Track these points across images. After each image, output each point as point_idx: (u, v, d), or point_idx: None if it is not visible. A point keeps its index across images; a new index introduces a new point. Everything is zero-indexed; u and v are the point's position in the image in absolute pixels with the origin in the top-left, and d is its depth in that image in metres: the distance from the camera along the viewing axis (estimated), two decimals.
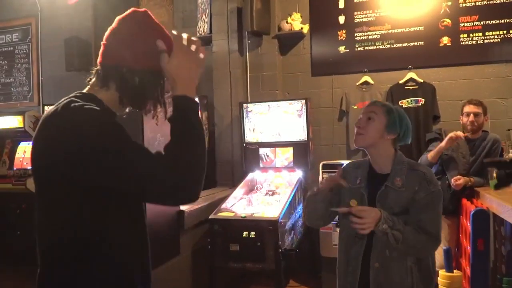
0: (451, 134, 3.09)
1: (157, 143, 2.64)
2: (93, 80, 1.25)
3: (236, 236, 2.96)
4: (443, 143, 3.12)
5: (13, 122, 4.68)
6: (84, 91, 1.24)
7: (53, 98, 4.74)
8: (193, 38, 1.23)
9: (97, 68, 1.25)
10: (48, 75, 5.29)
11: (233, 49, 4.26)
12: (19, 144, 4.72)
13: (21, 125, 4.63)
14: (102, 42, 1.25)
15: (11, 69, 5.49)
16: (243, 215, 3.03)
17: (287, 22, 4.27)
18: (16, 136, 4.72)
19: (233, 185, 4.01)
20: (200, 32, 4.51)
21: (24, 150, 4.64)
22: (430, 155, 3.17)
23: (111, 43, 1.23)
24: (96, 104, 1.18)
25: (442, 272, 2.61)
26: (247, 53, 4.31)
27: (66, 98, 1.18)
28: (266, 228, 2.90)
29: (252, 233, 2.93)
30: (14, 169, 4.63)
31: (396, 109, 1.79)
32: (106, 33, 1.24)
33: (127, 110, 1.31)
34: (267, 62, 4.29)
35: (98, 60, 1.25)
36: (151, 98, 1.25)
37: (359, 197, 1.76)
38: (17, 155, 4.70)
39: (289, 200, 3.26)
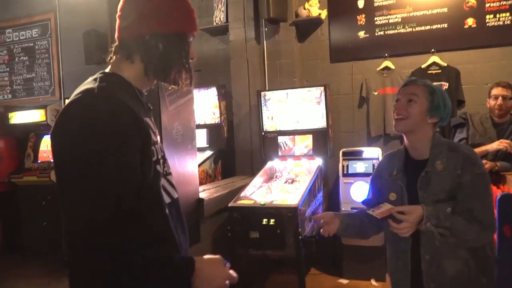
0: (505, 144, 2.95)
1: (175, 132, 2.63)
2: (113, 57, 1.20)
3: (255, 224, 2.94)
4: (491, 147, 2.98)
5: (36, 116, 4.77)
6: (107, 70, 1.19)
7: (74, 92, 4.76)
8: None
9: (115, 44, 1.20)
10: (69, 69, 5.34)
11: (250, 37, 4.21)
12: (42, 137, 4.81)
13: (44, 118, 4.71)
14: (117, 15, 1.20)
15: (33, 65, 5.58)
16: (262, 203, 3.00)
17: (304, 8, 4.19)
18: (39, 129, 4.81)
19: (252, 174, 3.98)
20: (217, 22, 4.48)
21: (47, 144, 4.73)
22: None
23: (127, 13, 1.18)
24: (119, 86, 1.12)
25: None
26: (264, 41, 4.25)
27: (88, 81, 1.12)
28: (286, 215, 2.86)
29: (272, 221, 2.89)
30: (39, 161, 4.73)
31: (439, 89, 1.67)
32: (120, 4, 1.20)
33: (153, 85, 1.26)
34: (284, 49, 4.23)
35: (116, 35, 1.21)
36: (177, 64, 1.20)
37: (398, 189, 1.68)
38: (41, 148, 4.80)
39: (309, 187, 3.21)
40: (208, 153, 4.22)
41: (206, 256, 1.14)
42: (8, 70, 5.74)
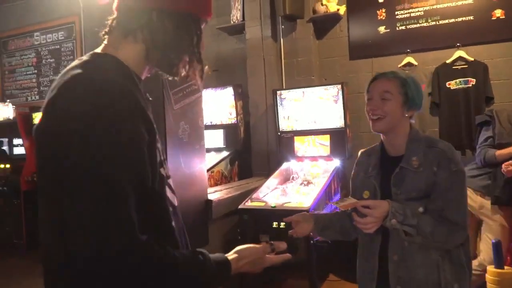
0: None
1: (181, 131, 2.58)
2: (109, 34, 1.00)
3: (266, 227, 2.85)
4: None
5: None
6: (98, 50, 0.99)
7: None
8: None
9: (113, 17, 1.00)
10: None
11: (267, 35, 4.13)
12: None
13: None
14: None
15: (58, 67, 5.71)
16: (273, 205, 2.92)
17: (322, 4, 4.07)
18: None
19: (269, 175, 3.87)
20: (234, 20, 4.43)
21: None
22: (499, 153, 2.73)
23: None
24: (115, 70, 0.93)
25: (490, 269, 2.34)
26: (281, 39, 4.16)
27: (74, 64, 0.93)
28: None
29: (282, 224, 2.80)
30: None
31: (410, 79, 1.57)
32: None
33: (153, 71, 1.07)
34: (302, 47, 4.12)
35: (115, 5, 1.00)
36: (187, 51, 1.01)
37: (371, 187, 1.59)
38: None
39: (324, 189, 3.10)
40: (225, 153, 4.17)
41: (247, 249, 1.10)
42: (36, 72, 5.91)
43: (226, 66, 4.67)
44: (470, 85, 3.63)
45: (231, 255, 1.07)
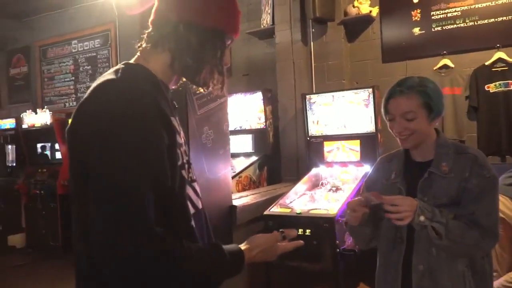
0: None
1: (205, 136, 2.57)
2: (143, 45, 1.08)
3: None
4: None
5: None
6: (131, 61, 1.08)
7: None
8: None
9: (148, 30, 1.09)
10: None
11: (296, 39, 4.07)
12: None
13: None
14: None
15: (95, 74, 5.88)
16: (298, 211, 2.85)
17: (353, 6, 3.97)
18: None
19: (298, 180, 3.81)
20: (264, 24, 4.40)
21: None
22: None
23: None
24: (143, 78, 1.01)
25: None
26: (311, 42, 4.09)
27: (108, 72, 1.02)
28: (322, 226, 2.68)
29: (308, 231, 2.73)
30: None
31: (430, 87, 1.48)
32: None
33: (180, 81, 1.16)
34: (332, 50, 4.03)
35: (151, 19, 1.09)
36: (209, 63, 1.08)
37: (396, 193, 1.50)
38: None
39: (352, 196, 2.99)
40: (253, 158, 4.14)
41: (258, 238, 1.17)
42: (73, 79, 6.11)
43: (257, 70, 4.65)
44: (511, 88, 3.43)
45: (244, 245, 1.12)
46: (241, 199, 3.05)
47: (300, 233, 2.75)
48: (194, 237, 1.03)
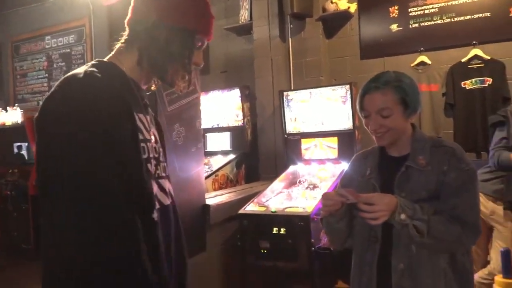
0: None
1: (175, 134, 2.49)
2: (117, 45, 1.11)
3: (266, 233, 2.73)
4: None
5: None
6: (105, 59, 1.09)
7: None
8: None
9: (126, 32, 1.12)
10: None
11: (274, 35, 4.01)
12: None
13: None
14: None
15: (69, 70, 5.57)
16: (273, 210, 2.79)
17: (331, 2, 3.93)
18: None
19: (276, 178, 3.77)
20: (242, 20, 4.33)
21: None
22: None
23: None
24: (112, 75, 1.01)
25: (498, 278, 2.17)
26: (289, 39, 4.04)
27: (78, 69, 1.03)
28: (297, 224, 2.63)
29: (283, 230, 2.68)
30: None
31: (405, 82, 1.43)
32: None
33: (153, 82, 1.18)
34: (311, 47, 3.99)
35: (127, 18, 1.12)
36: (176, 62, 1.09)
37: (370, 190, 1.45)
38: None
39: None
40: (231, 156, 4.07)
41: None
42: (47, 76, 5.94)
43: (235, 67, 4.58)
44: (487, 85, 3.44)
45: None
46: (215, 198, 2.98)
47: (275, 231, 2.70)
48: (154, 230, 1.03)
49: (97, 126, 0.91)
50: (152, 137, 1.10)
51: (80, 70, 0.99)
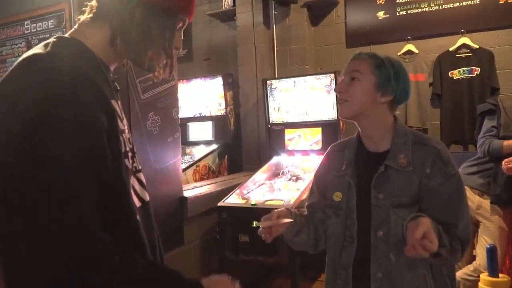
0: None
1: (150, 123, 2.37)
2: (82, 17, 0.95)
3: (245, 226, 2.63)
4: None
5: None
6: (67, 34, 0.94)
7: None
8: None
9: (91, 2, 0.95)
10: None
11: (258, 22, 3.89)
12: None
13: None
14: None
15: None
16: (253, 203, 2.70)
17: None
18: None
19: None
20: (225, 6, 4.19)
21: None
22: (508, 144, 2.43)
23: None
24: (78, 55, 0.88)
25: (484, 276, 2.10)
26: (274, 26, 3.92)
27: (37, 47, 0.87)
28: None
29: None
30: None
31: (389, 61, 1.33)
32: None
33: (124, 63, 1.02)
34: (295, 34, 3.87)
35: None
36: (155, 44, 0.95)
37: (345, 187, 1.35)
38: None
39: (310, 186, 2.86)
40: (214, 147, 3.96)
41: (214, 277, 0.96)
42: None
43: (218, 54, 4.45)
44: (475, 75, 3.36)
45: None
46: (194, 190, 2.87)
47: (254, 225, 2.61)
48: (139, 232, 0.92)
49: (65, 116, 0.76)
50: (126, 126, 0.98)
51: (41, 49, 0.85)
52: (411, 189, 1.26)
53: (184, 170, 3.41)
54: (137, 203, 0.96)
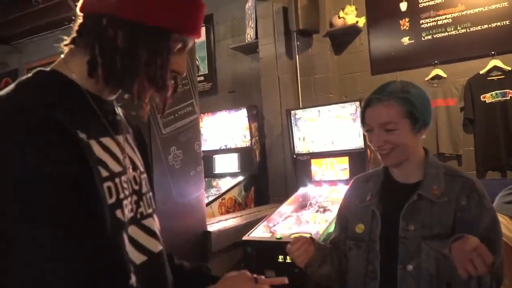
0: None
1: (172, 157, 2.36)
2: (66, 45, 0.84)
3: (271, 261, 2.55)
4: None
5: None
6: (48, 68, 0.82)
7: None
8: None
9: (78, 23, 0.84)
10: None
11: (281, 53, 3.89)
12: None
13: None
14: None
15: None
16: (278, 236, 2.62)
17: (339, 17, 3.80)
18: None
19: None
20: (248, 39, 4.23)
21: None
22: None
23: None
24: (55, 91, 0.76)
25: None
26: (297, 56, 3.91)
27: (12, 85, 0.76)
28: None
29: (288, 258, 2.47)
30: None
31: (412, 92, 1.26)
32: None
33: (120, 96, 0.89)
34: (319, 63, 3.85)
35: (79, 6, 0.84)
36: (143, 73, 0.79)
37: (369, 218, 1.28)
38: None
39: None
40: (240, 178, 3.92)
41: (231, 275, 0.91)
42: None
43: (243, 86, 4.47)
44: (508, 98, 3.21)
45: None
46: (218, 224, 2.82)
47: (280, 260, 2.52)
48: None
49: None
50: (128, 163, 0.86)
51: (4, 91, 0.74)
52: (444, 221, 1.19)
53: (209, 203, 3.38)
54: (139, 258, 0.84)
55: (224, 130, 4.08)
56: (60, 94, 0.77)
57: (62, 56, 0.84)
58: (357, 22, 3.76)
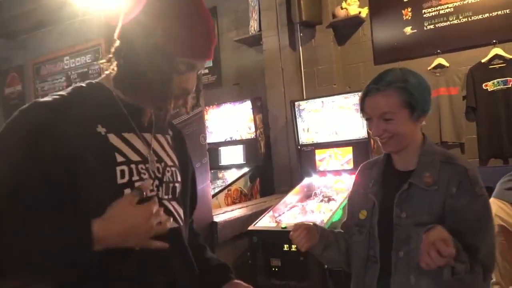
0: None
1: (198, 166, 2.41)
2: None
3: (276, 250, 2.62)
4: None
5: None
6: (96, 80, 1.06)
7: None
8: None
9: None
10: None
11: (284, 45, 3.92)
12: None
13: None
14: None
15: None
16: (283, 226, 2.68)
17: (341, 8, 3.82)
18: None
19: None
20: (252, 31, 4.26)
21: None
22: None
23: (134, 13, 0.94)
24: (89, 96, 0.98)
25: None
26: (300, 48, 3.94)
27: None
28: None
29: (294, 246, 2.55)
30: None
31: (410, 81, 1.27)
32: None
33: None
34: (322, 55, 3.88)
35: (116, 33, 0.97)
36: (151, 89, 0.94)
37: (370, 205, 1.33)
38: None
39: (341, 207, 2.81)
40: (245, 170, 3.98)
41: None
42: None
43: (247, 79, 4.51)
44: (510, 85, 3.24)
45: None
46: (225, 214, 2.88)
47: (285, 249, 2.59)
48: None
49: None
50: (150, 157, 0.99)
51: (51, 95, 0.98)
52: (434, 208, 1.22)
53: (216, 194, 3.44)
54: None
55: (229, 123, 4.13)
56: (97, 99, 0.98)
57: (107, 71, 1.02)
58: (359, 12, 3.78)
